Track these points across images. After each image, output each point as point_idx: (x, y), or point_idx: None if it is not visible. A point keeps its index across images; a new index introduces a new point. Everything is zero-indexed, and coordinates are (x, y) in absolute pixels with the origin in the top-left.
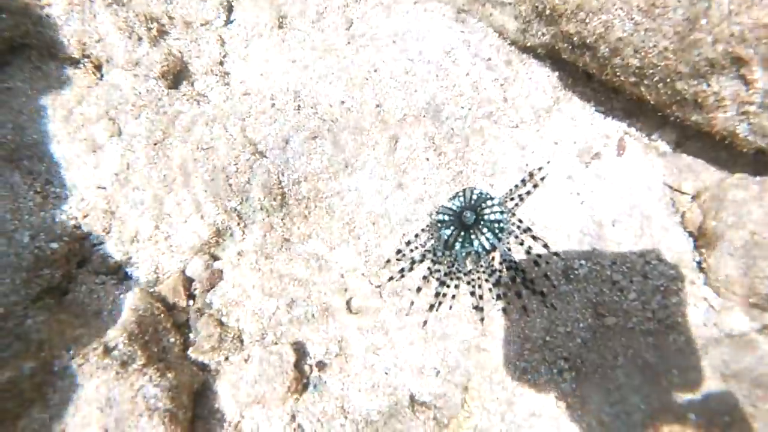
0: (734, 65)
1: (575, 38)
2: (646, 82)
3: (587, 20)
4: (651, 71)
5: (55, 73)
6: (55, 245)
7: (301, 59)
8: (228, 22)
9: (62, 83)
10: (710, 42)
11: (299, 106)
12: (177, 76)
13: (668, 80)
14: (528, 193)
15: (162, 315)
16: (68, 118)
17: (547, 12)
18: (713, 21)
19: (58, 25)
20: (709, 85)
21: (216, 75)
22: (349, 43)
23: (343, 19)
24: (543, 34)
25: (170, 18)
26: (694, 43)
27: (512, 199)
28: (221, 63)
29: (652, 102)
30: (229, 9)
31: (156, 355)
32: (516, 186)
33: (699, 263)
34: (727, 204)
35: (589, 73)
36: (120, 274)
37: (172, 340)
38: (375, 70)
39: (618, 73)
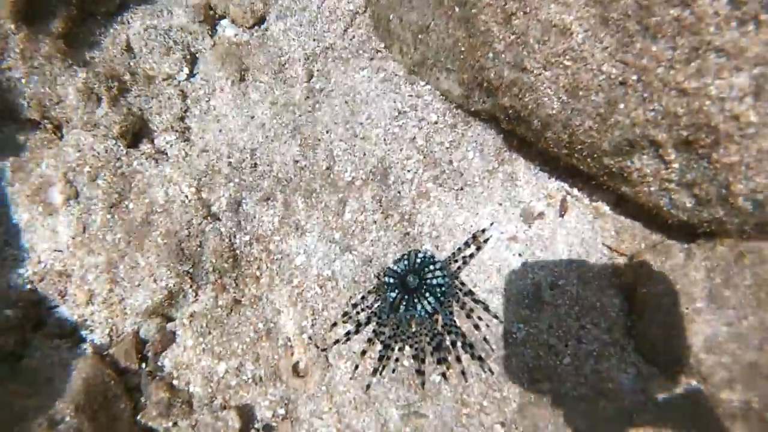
0: (652, 146)
1: (510, 111)
2: (576, 155)
3: (520, 96)
4: (579, 146)
5: (14, 135)
6: (9, 312)
7: (259, 115)
8: (191, 75)
9: (21, 145)
10: (629, 124)
11: (255, 164)
12: (137, 134)
13: (595, 155)
14: (471, 255)
15: (113, 382)
16: (26, 180)
17: (485, 84)
18: (630, 106)
19: (18, 89)
20: (632, 162)
21: (176, 131)
22: (307, 98)
23: (304, 71)
24: (484, 102)
25: (132, 74)
26: (615, 125)
27: (456, 261)
28: (182, 119)
29: (585, 171)
30: (193, 62)
31: (104, 425)
32: (460, 249)
33: (630, 328)
34: (655, 270)
35: None
36: (75, 337)
37: (122, 406)
38: (327, 131)
39: (551, 145)
